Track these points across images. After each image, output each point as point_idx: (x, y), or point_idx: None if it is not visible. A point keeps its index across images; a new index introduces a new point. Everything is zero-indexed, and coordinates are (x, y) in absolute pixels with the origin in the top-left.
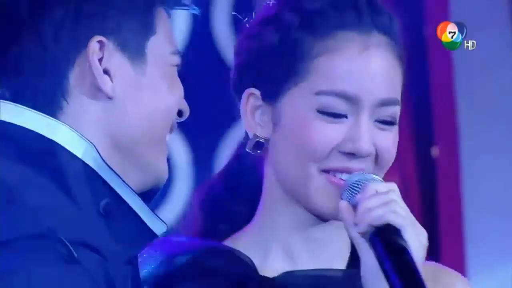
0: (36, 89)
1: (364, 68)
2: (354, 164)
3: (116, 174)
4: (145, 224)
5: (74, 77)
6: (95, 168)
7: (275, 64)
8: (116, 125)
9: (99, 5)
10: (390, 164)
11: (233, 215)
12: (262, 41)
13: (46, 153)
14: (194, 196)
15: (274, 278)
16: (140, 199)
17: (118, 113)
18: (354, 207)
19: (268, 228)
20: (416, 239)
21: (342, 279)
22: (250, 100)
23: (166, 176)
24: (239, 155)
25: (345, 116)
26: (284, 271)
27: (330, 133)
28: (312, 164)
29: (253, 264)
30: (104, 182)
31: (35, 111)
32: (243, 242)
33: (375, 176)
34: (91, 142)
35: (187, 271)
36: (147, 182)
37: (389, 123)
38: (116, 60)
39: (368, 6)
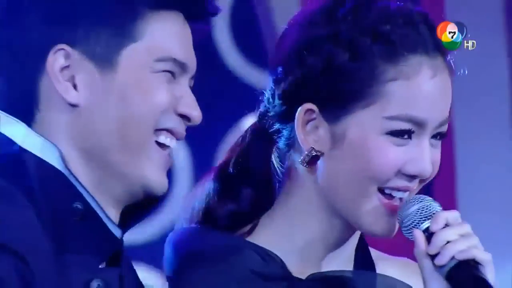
0: (8, 97)
1: (434, 93)
2: (409, 183)
3: (75, 177)
4: (109, 230)
5: (43, 85)
6: (64, 172)
7: (343, 84)
8: (84, 133)
9: (68, 14)
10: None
11: (239, 196)
12: (329, 60)
13: (11, 155)
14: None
15: (306, 279)
16: (96, 202)
17: (85, 121)
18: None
19: (297, 231)
20: (492, 275)
21: (358, 279)
22: (307, 114)
23: (159, 184)
24: (248, 143)
25: (410, 138)
26: (310, 272)
27: (397, 155)
28: (372, 184)
29: (285, 264)
30: (73, 186)
31: (5, 114)
32: (270, 238)
33: (434, 202)
34: (56, 146)
35: (218, 269)
36: (135, 192)
37: (441, 137)
38: (82, 68)
39: (430, 29)
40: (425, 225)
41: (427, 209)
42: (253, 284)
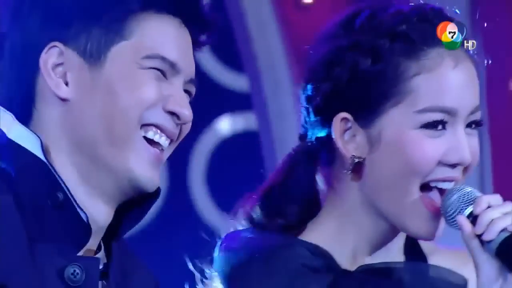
0: (9, 97)
1: (459, 82)
2: (453, 173)
3: (53, 167)
4: (82, 219)
5: (40, 83)
6: (44, 161)
7: (369, 88)
8: (74, 126)
9: (63, 13)
10: (473, 168)
11: (286, 212)
12: (353, 68)
13: None
14: (253, 196)
15: (355, 271)
16: (70, 192)
17: (75, 114)
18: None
19: (344, 235)
20: None
21: (407, 270)
22: (342, 123)
23: (147, 179)
24: (292, 162)
25: (445, 129)
26: (359, 265)
27: (435, 147)
28: (416, 179)
29: (333, 257)
30: (52, 175)
31: None
32: (319, 239)
33: (473, 189)
34: (39, 137)
35: (271, 264)
36: (124, 186)
37: (476, 125)
38: (74, 64)
39: (444, 20)
40: (468, 210)
41: (468, 195)
42: (304, 277)
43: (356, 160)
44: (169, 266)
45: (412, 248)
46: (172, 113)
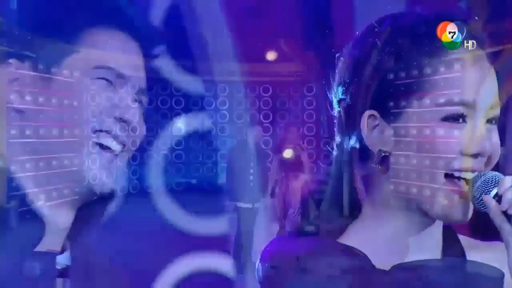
0: None
1: (477, 77)
2: (474, 164)
3: (11, 173)
4: (38, 218)
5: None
6: (5, 168)
7: (394, 86)
8: (31, 136)
9: (18, 31)
10: (496, 162)
11: (329, 219)
12: (378, 67)
13: None
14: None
15: (388, 270)
16: (27, 195)
17: (31, 125)
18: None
19: (381, 230)
20: None
21: (442, 266)
22: (369, 120)
23: (101, 182)
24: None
25: (465, 121)
26: (393, 264)
27: (456, 138)
28: (439, 169)
29: (368, 258)
30: (12, 180)
31: None
32: (355, 240)
33: (498, 173)
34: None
35: (309, 266)
36: (80, 190)
37: (495, 121)
38: (29, 78)
39: (461, 20)
40: (494, 192)
41: (492, 178)
42: (338, 278)
43: (383, 154)
44: (131, 265)
45: (450, 243)
46: (122, 120)
